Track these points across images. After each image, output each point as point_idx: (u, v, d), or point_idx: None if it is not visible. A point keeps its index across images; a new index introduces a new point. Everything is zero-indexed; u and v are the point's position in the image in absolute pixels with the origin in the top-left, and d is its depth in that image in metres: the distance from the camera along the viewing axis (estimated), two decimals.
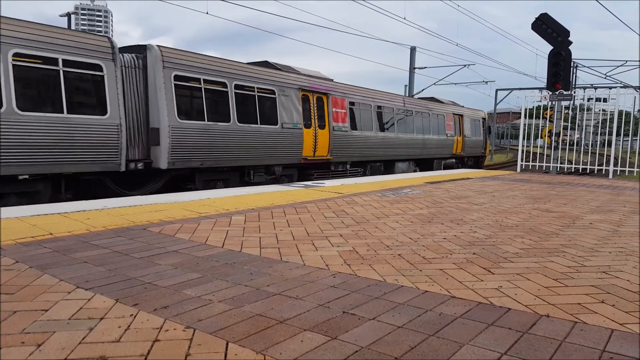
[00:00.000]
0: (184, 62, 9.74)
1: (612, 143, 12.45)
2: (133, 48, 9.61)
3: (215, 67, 10.36)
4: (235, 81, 10.76)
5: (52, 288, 2.42)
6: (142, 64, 9.27)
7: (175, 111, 9.40)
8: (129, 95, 9.03)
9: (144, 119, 9.28)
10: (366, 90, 15.63)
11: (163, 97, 9.25)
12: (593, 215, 5.40)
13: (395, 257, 3.21)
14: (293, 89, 12.46)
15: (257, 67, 11.68)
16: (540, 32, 12.45)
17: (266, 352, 1.76)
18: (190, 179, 10.24)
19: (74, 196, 8.64)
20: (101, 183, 8.91)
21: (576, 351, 1.83)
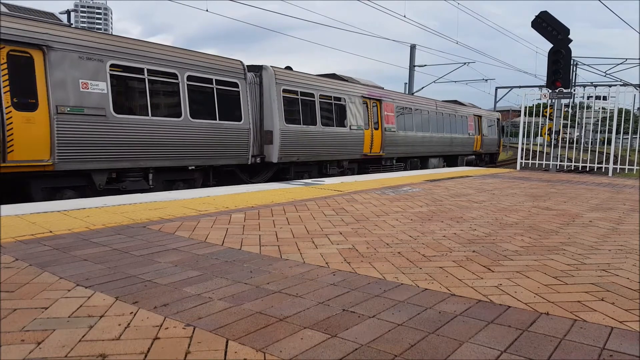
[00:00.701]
0: (288, 79, 12.40)
1: (612, 141, 12.45)
2: (250, 67, 12.05)
3: (307, 83, 13.18)
4: (319, 92, 13.51)
5: (52, 286, 2.42)
6: (258, 81, 11.94)
7: (283, 117, 12.07)
8: (251, 105, 11.60)
9: (259, 123, 11.82)
10: (408, 96, 18.57)
11: (276, 107, 11.89)
12: (593, 213, 5.40)
13: (395, 255, 3.21)
14: (357, 97, 14.81)
15: (331, 79, 14.26)
16: (540, 30, 12.43)
17: (266, 350, 1.76)
18: (287, 171, 12.79)
19: (217, 183, 11.33)
20: (232, 173, 11.60)
21: (576, 349, 1.83)
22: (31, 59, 7.67)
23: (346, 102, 14.33)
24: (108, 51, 8.69)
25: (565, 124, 17.37)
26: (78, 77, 8.13)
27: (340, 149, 14.12)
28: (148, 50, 9.36)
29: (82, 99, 8.13)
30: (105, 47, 8.71)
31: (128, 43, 9.22)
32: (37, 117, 7.65)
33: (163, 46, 9.76)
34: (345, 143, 14.24)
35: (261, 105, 11.90)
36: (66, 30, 8.21)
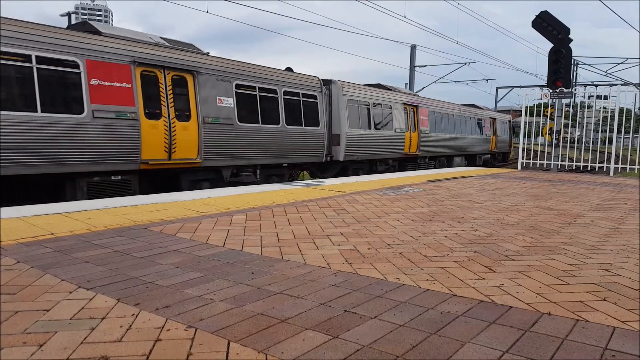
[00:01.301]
0: (351, 91, 14.61)
1: (613, 140, 12.44)
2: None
3: (364, 93, 15.49)
4: (373, 101, 15.80)
5: (53, 288, 2.42)
6: (328, 92, 14.36)
7: (347, 123, 14.38)
8: (325, 113, 14.01)
9: (328, 128, 13.97)
10: (439, 101, 20.50)
11: (343, 114, 14.17)
12: (594, 212, 5.39)
13: (397, 256, 3.21)
14: (400, 104, 17.15)
15: (380, 89, 16.64)
16: (541, 29, 12.42)
17: (268, 351, 1.76)
18: (347, 168, 15.02)
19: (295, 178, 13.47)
20: (308, 169, 14.47)
21: (578, 349, 1.83)
22: (186, 81, 9.82)
23: (392, 108, 16.74)
24: (234, 74, 10.98)
25: (566, 123, 17.35)
26: (215, 94, 10.37)
27: (388, 149, 16.46)
28: (258, 72, 11.73)
29: (218, 112, 10.39)
30: (232, 71, 11.01)
31: (246, 67, 11.61)
32: (190, 126, 9.82)
33: (267, 68, 12.12)
34: (392, 144, 16.57)
35: (330, 113, 14.29)
36: (207, 58, 10.51)
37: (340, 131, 14.09)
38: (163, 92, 9.43)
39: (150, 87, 9.18)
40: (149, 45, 9.48)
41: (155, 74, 9.26)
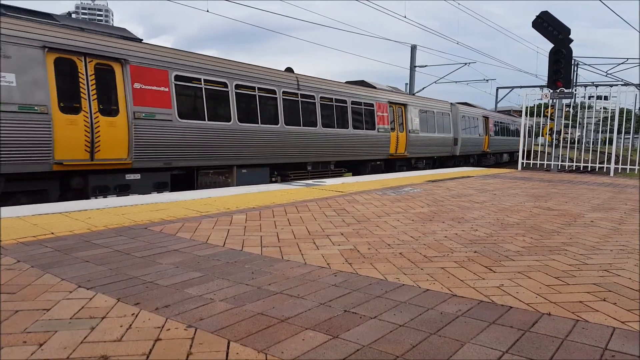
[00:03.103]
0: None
1: (614, 141, 12.43)
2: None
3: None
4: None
5: (53, 287, 2.43)
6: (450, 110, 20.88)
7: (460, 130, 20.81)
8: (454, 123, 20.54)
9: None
10: (495, 113, 27.51)
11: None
12: (594, 213, 5.39)
13: (397, 256, 3.21)
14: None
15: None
16: (541, 30, 12.42)
17: (268, 351, 1.76)
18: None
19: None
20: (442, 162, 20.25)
21: (578, 349, 1.83)
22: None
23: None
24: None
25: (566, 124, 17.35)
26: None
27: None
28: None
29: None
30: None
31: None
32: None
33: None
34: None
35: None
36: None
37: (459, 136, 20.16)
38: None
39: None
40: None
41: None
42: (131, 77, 8.91)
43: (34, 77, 7.62)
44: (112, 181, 8.82)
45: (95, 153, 8.33)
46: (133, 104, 8.85)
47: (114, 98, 8.64)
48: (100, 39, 8.58)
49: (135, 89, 8.94)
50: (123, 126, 8.69)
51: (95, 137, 8.31)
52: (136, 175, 9.14)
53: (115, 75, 8.70)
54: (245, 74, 10.90)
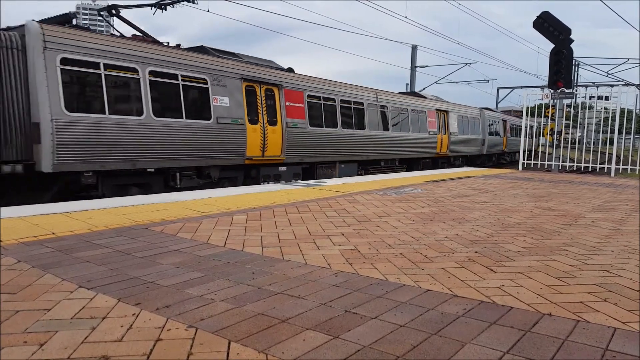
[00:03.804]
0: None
1: (614, 141, 12.42)
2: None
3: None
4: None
5: (54, 287, 2.43)
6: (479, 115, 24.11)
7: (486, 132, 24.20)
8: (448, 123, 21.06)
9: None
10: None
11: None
12: (595, 213, 5.39)
13: (397, 256, 3.21)
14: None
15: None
16: (542, 30, 12.42)
17: (268, 351, 1.76)
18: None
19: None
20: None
21: (579, 350, 1.83)
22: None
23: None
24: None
25: (567, 124, 17.32)
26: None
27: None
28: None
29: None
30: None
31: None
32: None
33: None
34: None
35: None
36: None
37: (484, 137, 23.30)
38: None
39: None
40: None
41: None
42: (284, 97, 12.21)
43: (237, 99, 10.83)
44: (272, 172, 12.05)
45: (265, 152, 11.53)
46: (285, 117, 12.17)
47: (274, 112, 11.86)
48: (267, 71, 11.88)
49: (287, 105, 12.24)
50: (279, 133, 11.94)
51: (265, 141, 11.52)
52: (284, 167, 12.46)
53: (275, 96, 11.96)
54: (347, 92, 14.51)
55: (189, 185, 9.97)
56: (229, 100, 10.55)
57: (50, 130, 7.61)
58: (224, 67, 10.61)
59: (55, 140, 7.65)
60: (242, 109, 10.86)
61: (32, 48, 7.58)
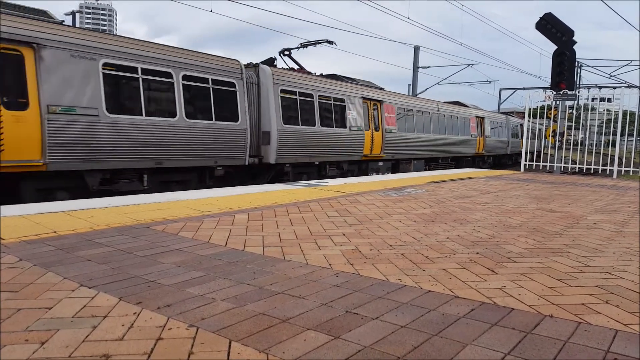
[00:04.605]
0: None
1: (617, 143, 12.40)
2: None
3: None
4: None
5: (55, 286, 2.43)
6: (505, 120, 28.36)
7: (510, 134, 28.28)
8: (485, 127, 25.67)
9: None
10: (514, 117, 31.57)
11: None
12: (597, 215, 5.38)
13: (399, 257, 3.21)
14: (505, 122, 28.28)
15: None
16: (545, 31, 12.40)
17: (269, 351, 1.76)
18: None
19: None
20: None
21: (580, 352, 1.83)
22: None
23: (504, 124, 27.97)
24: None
25: (569, 125, 17.29)
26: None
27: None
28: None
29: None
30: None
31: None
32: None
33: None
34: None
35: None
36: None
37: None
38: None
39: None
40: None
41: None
42: (385, 110, 16.35)
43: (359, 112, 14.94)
44: (374, 166, 16.22)
45: (372, 150, 15.66)
46: (385, 124, 16.27)
47: (378, 122, 16.10)
48: (374, 90, 16.12)
49: (385, 116, 16.35)
50: (380, 137, 16.10)
51: (372, 143, 15.63)
52: (381, 163, 16.68)
53: (378, 109, 16.12)
54: (419, 103, 18.87)
55: (332, 174, 14.21)
56: (355, 114, 14.79)
57: (275, 136, 11.74)
58: (353, 90, 14.85)
59: (277, 143, 11.77)
60: (362, 120, 15.04)
61: (266, 83, 11.75)
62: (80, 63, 8.15)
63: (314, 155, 13.16)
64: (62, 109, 7.84)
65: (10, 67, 7.39)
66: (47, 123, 7.62)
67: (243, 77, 11.08)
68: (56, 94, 7.78)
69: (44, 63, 7.67)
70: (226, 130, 10.54)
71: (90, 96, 8.19)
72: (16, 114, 7.33)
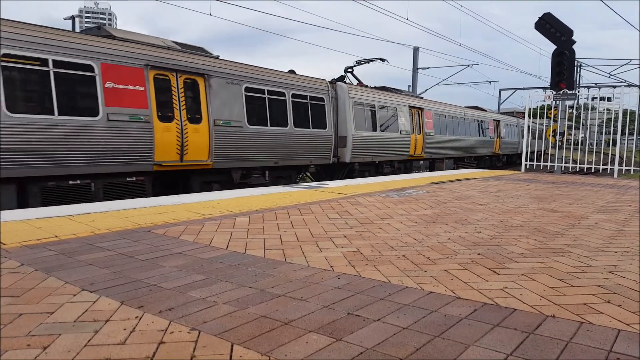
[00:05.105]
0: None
1: (617, 142, 12.40)
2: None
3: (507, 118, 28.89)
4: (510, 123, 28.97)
5: (57, 290, 2.43)
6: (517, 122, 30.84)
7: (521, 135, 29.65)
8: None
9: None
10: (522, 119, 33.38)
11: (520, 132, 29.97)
12: (598, 214, 5.37)
13: (400, 258, 3.21)
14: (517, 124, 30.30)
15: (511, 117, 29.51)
16: (544, 31, 12.41)
17: (271, 354, 1.76)
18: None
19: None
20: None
21: (582, 352, 1.82)
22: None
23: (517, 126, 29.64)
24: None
25: (569, 125, 17.30)
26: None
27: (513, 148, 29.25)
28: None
29: None
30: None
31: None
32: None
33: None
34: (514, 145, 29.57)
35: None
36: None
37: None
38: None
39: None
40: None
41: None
42: (425, 116, 18.87)
43: (408, 119, 17.61)
44: (417, 164, 18.72)
45: (415, 151, 18.15)
46: (425, 128, 18.90)
47: (420, 126, 18.49)
48: (414, 99, 18.93)
49: (425, 121, 18.84)
50: (421, 139, 18.55)
51: (416, 144, 18.08)
52: (422, 162, 19.11)
53: (420, 116, 18.79)
54: (448, 109, 21.23)
55: (387, 171, 16.91)
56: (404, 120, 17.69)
57: (350, 140, 14.44)
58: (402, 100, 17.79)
59: (352, 146, 14.47)
60: (409, 125, 17.70)
61: (343, 97, 14.46)
62: (231, 88, 10.80)
63: (375, 156, 15.93)
64: (222, 122, 10.49)
65: (191, 92, 9.95)
66: (214, 133, 10.25)
67: (329, 93, 13.92)
68: (218, 111, 10.40)
69: (211, 88, 10.31)
70: (319, 136, 13.44)
71: (237, 112, 10.84)
72: (195, 127, 9.93)
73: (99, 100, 8.40)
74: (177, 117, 9.61)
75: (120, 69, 8.75)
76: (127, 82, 8.82)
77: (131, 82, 8.88)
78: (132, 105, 8.86)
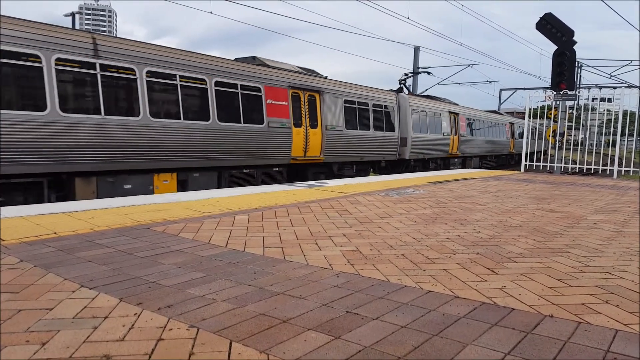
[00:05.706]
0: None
1: (617, 143, 12.40)
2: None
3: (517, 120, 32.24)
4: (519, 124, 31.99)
5: (56, 287, 2.43)
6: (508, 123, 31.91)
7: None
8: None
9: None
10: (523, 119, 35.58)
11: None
12: (597, 215, 5.38)
13: (399, 257, 3.21)
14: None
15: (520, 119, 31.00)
16: (545, 31, 12.40)
17: (270, 352, 1.76)
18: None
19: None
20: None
21: (580, 351, 1.83)
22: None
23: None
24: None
25: (569, 126, 17.31)
26: None
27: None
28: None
29: None
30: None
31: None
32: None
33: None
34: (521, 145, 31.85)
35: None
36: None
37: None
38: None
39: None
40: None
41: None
42: (460, 120, 21.94)
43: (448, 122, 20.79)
44: (453, 161, 21.56)
45: (453, 150, 21.04)
46: (460, 130, 21.92)
47: (456, 129, 21.66)
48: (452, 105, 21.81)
49: (460, 124, 21.83)
50: (457, 140, 21.59)
51: (453, 144, 20.95)
52: (457, 159, 22.19)
53: (456, 119, 21.84)
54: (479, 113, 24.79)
55: (432, 167, 20.22)
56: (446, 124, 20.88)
57: (410, 141, 17.63)
58: (444, 106, 20.98)
59: (411, 145, 17.68)
60: (449, 127, 20.84)
61: (404, 105, 17.71)
62: (335, 101, 14.23)
63: (426, 154, 19.10)
64: (330, 127, 13.86)
65: (311, 105, 13.38)
66: (325, 136, 13.68)
67: (396, 102, 17.37)
68: (327, 118, 13.77)
69: (324, 102, 13.77)
70: (389, 137, 16.85)
71: (338, 119, 14.23)
72: (313, 131, 13.36)
73: (264, 112, 11.76)
74: (304, 123, 13.07)
75: (275, 89, 12.17)
76: (278, 99, 12.22)
77: (280, 98, 12.32)
78: (281, 116, 12.29)
